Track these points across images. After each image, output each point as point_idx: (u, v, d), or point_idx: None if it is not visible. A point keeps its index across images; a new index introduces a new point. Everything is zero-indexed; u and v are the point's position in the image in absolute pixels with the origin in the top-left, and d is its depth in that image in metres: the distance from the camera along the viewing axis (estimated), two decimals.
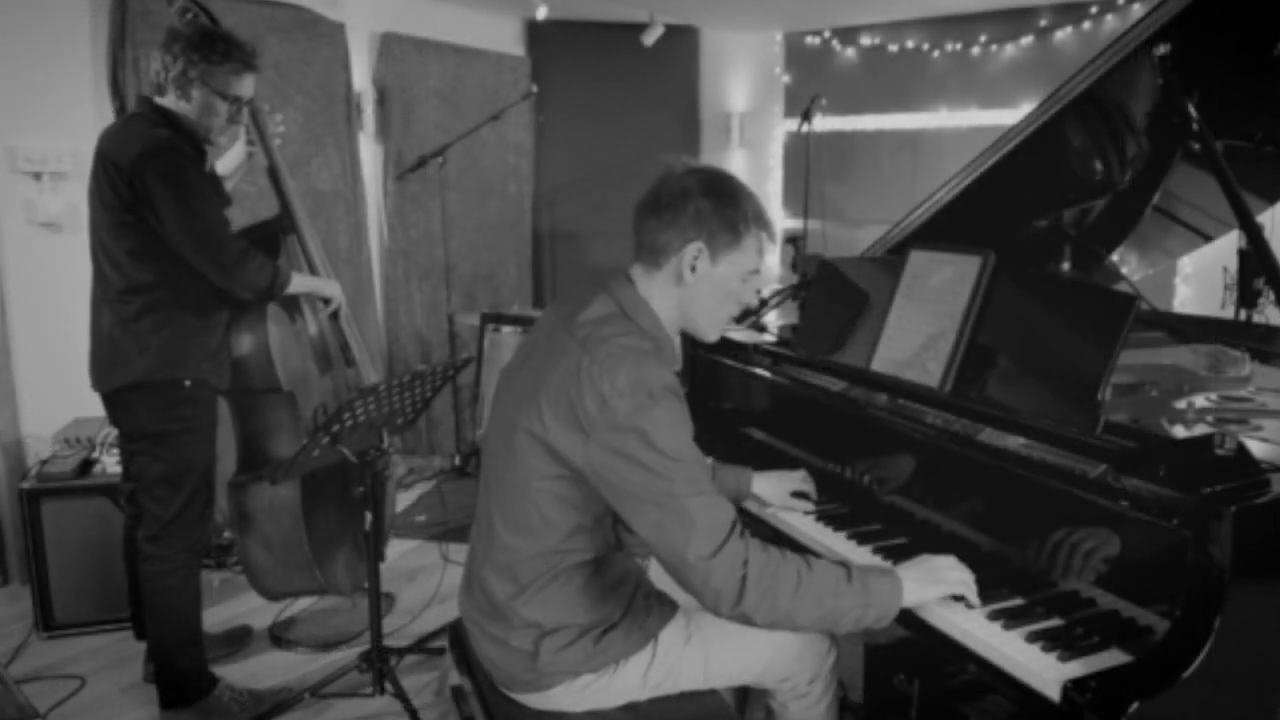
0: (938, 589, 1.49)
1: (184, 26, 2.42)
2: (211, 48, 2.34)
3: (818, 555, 1.75)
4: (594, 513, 1.57)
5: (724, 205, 1.54)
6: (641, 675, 1.63)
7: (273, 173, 2.78)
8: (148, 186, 2.23)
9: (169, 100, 2.35)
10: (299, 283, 2.60)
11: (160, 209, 2.25)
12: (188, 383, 2.39)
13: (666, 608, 1.70)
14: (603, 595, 1.62)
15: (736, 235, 1.55)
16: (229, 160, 2.74)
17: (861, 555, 1.72)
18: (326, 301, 2.79)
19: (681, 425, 1.47)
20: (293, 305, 2.73)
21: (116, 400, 2.41)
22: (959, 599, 1.51)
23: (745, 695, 2.09)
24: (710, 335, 1.66)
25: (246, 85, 2.42)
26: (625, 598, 1.65)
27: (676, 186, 1.55)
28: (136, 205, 2.26)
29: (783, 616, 1.42)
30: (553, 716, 1.64)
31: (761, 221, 1.59)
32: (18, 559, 3.32)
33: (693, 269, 1.55)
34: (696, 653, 1.67)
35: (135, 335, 2.34)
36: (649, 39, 5.12)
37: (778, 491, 1.99)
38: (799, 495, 1.99)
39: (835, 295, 2.18)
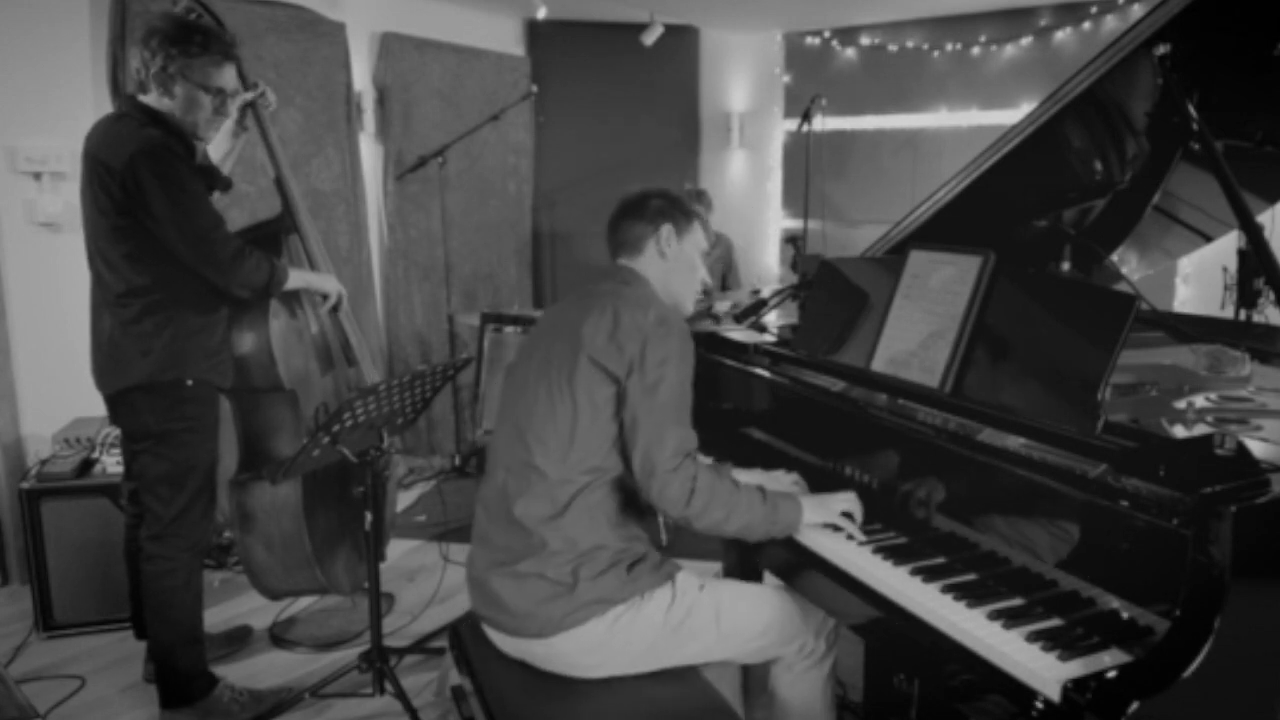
0: (825, 514, 1.82)
1: (161, 20, 2.39)
2: (189, 40, 2.31)
3: (817, 555, 1.77)
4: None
5: (674, 200, 2.00)
6: (663, 613, 1.77)
7: (280, 183, 2.77)
8: (141, 187, 2.22)
9: (153, 98, 2.34)
10: (297, 278, 2.59)
11: (155, 209, 2.25)
12: (190, 382, 2.39)
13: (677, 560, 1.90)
14: (630, 521, 1.83)
15: (689, 219, 2.00)
16: (220, 144, 2.70)
17: (862, 555, 1.72)
18: (325, 297, 2.79)
19: (688, 358, 1.81)
20: (294, 304, 2.73)
21: (120, 401, 2.41)
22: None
23: (747, 692, 2.09)
24: (688, 306, 2.03)
25: (228, 76, 2.41)
26: (649, 533, 1.88)
27: (636, 195, 2.00)
28: (131, 208, 2.25)
29: (715, 524, 1.76)
30: (572, 696, 1.71)
31: (699, 215, 2.04)
32: (18, 559, 3.32)
33: (669, 244, 1.95)
34: (709, 601, 1.83)
35: (137, 338, 2.34)
36: (649, 39, 5.13)
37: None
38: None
39: (835, 295, 2.18)
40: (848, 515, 1.82)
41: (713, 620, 1.81)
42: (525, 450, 1.80)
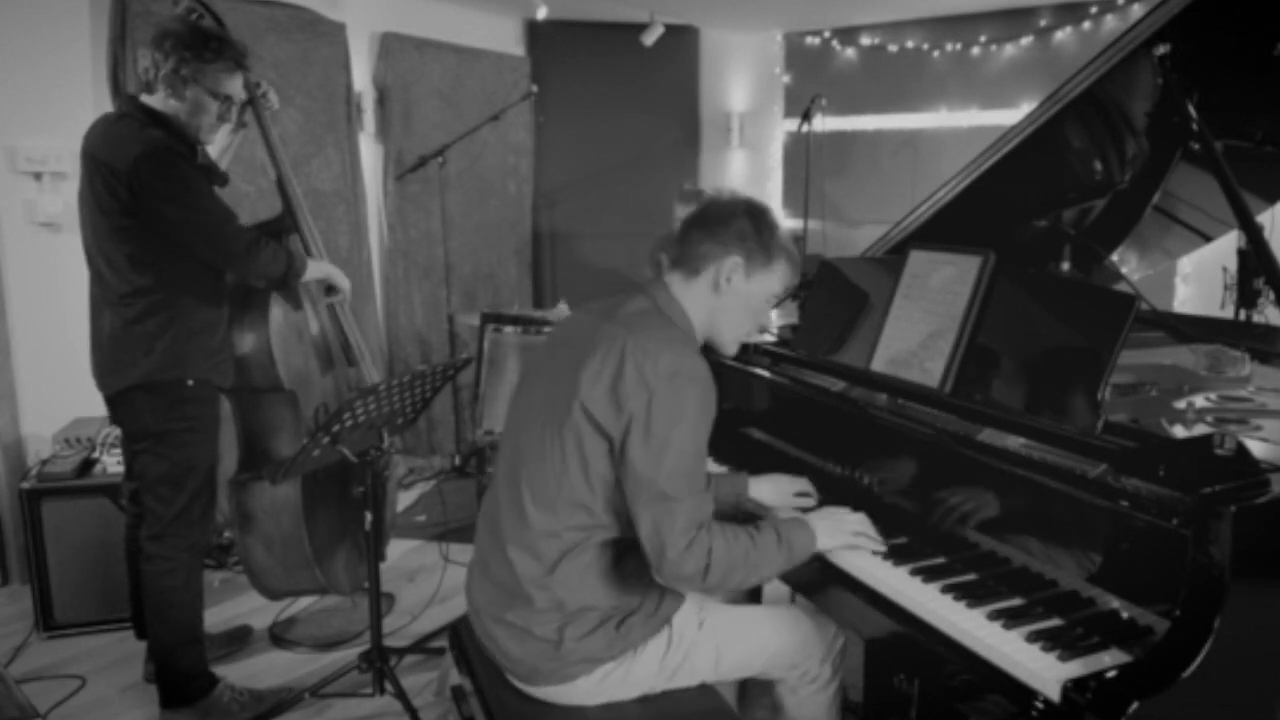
0: (840, 539, 1.70)
1: (175, 24, 2.41)
2: (204, 46, 2.33)
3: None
4: (623, 490, 1.61)
5: (764, 230, 1.69)
6: (659, 661, 1.67)
7: (281, 183, 2.78)
8: (149, 189, 2.22)
9: (158, 99, 2.34)
10: (315, 268, 2.62)
11: (166, 210, 2.25)
12: (190, 382, 2.39)
13: (676, 594, 1.74)
14: (623, 580, 1.67)
15: (770, 258, 1.70)
16: (218, 140, 2.68)
17: (861, 555, 1.72)
18: (330, 291, 2.79)
19: (706, 417, 1.59)
20: (295, 302, 2.73)
21: (120, 401, 2.41)
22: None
23: (744, 691, 2.09)
24: (730, 348, 1.79)
25: (237, 84, 2.42)
26: (643, 586, 1.70)
27: (724, 206, 1.72)
28: (136, 209, 2.25)
29: (734, 585, 1.63)
30: (568, 711, 1.66)
31: (790, 255, 1.74)
32: (18, 559, 3.32)
33: (728, 280, 1.68)
34: (709, 640, 1.71)
35: (139, 338, 2.34)
36: (649, 39, 5.12)
37: (779, 493, 1.99)
38: (800, 496, 1.99)
39: (835, 295, 2.18)
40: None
41: (712, 659, 1.72)
42: (518, 489, 1.66)
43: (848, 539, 1.71)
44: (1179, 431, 1.57)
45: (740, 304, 1.71)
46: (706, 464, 1.59)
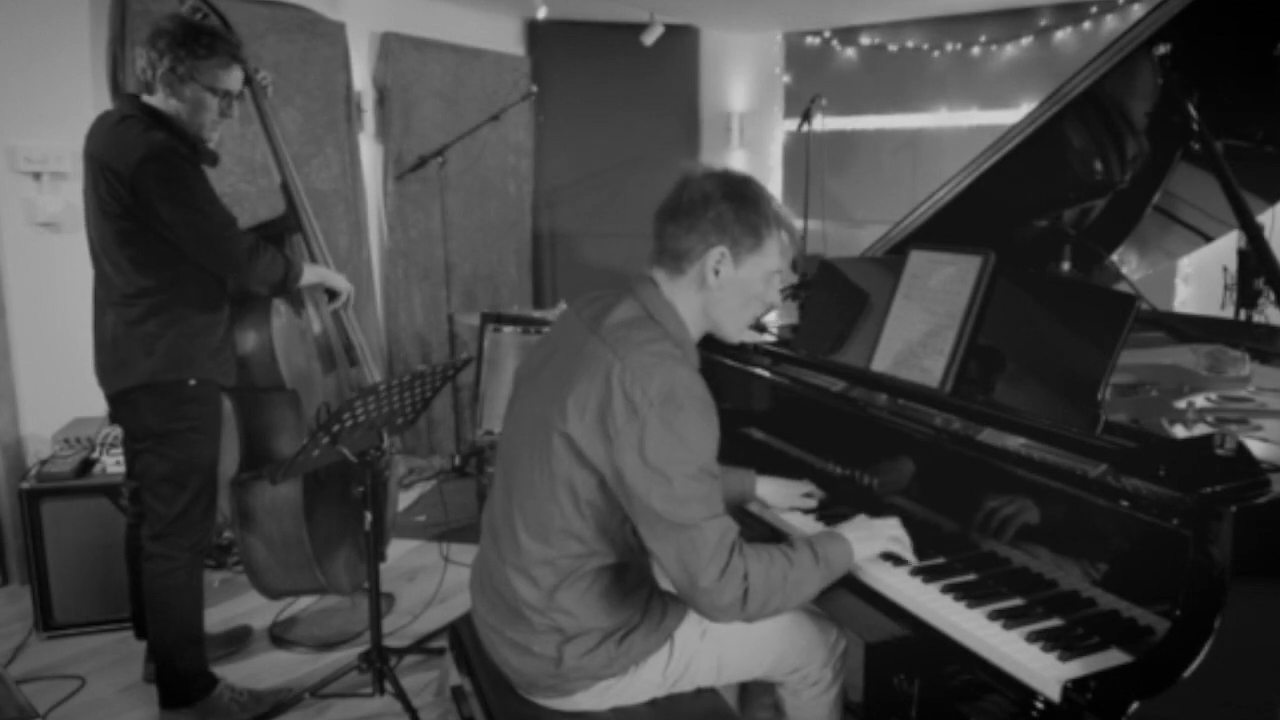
0: (876, 545, 1.62)
1: (168, 22, 2.39)
2: (196, 41, 2.31)
3: None
4: (618, 518, 1.57)
5: (745, 209, 1.55)
6: (660, 673, 1.66)
7: (286, 188, 2.78)
8: (152, 192, 2.22)
9: (159, 100, 2.34)
10: (311, 273, 2.62)
11: (167, 214, 2.25)
12: (193, 382, 2.39)
13: (680, 604, 1.71)
14: (623, 599, 1.63)
15: (758, 238, 1.57)
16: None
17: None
18: (333, 296, 2.79)
19: (708, 437, 1.48)
20: (298, 303, 2.73)
21: (121, 401, 2.41)
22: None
23: (745, 691, 2.09)
24: (734, 337, 1.69)
25: (235, 78, 2.41)
26: (643, 599, 1.67)
27: (697, 192, 1.56)
28: (138, 211, 2.25)
29: (773, 611, 1.50)
30: (577, 715, 1.65)
31: (782, 223, 1.61)
32: (18, 559, 3.32)
33: (716, 273, 1.56)
34: (711, 648, 1.69)
35: (141, 338, 2.34)
36: (649, 39, 5.12)
37: (783, 495, 1.99)
38: (805, 498, 1.99)
39: (835, 295, 2.18)
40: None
41: (714, 667, 1.70)
42: (510, 513, 1.61)
43: (884, 544, 1.64)
44: (1179, 431, 1.57)
45: (735, 293, 1.58)
46: (718, 483, 1.49)
